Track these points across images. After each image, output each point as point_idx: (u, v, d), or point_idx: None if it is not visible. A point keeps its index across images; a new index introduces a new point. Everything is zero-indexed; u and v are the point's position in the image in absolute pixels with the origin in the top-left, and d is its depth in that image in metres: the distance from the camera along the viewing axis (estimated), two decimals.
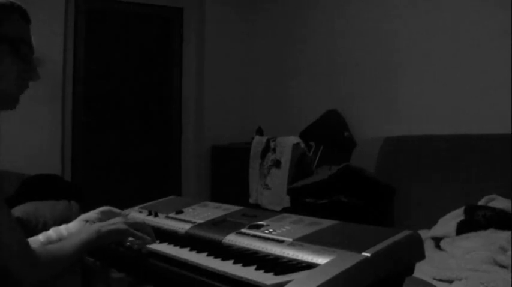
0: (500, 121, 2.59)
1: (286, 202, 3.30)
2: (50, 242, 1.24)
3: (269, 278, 0.87)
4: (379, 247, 0.90)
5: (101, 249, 1.20)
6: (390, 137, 3.08)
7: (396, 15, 3.40)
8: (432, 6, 3.14)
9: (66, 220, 1.34)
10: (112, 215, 1.41)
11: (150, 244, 1.17)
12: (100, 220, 1.36)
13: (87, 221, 1.34)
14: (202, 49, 4.77)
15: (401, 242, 0.94)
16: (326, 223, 1.12)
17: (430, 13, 3.15)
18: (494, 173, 2.44)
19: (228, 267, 0.95)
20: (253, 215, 1.27)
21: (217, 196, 4.39)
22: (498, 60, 2.71)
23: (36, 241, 1.24)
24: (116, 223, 1.19)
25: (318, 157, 3.54)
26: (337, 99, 3.82)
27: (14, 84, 1.06)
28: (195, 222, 1.30)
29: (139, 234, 1.18)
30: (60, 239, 1.26)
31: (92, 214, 1.38)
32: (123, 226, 1.18)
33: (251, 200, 3.80)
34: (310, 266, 0.91)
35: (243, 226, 1.18)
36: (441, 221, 2.19)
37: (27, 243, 1.03)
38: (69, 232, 1.29)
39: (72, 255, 1.10)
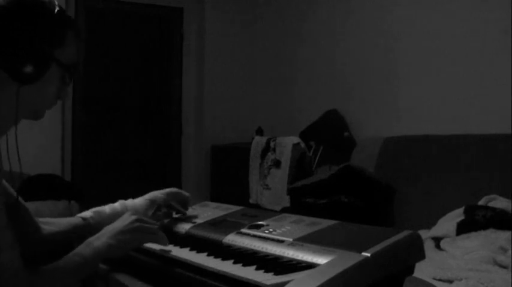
0: (500, 121, 2.59)
1: (286, 202, 3.30)
2: (115, 215, 1.24)
3: (269, 278, 0.87)
4: (379, 247, 0.90)
5: None
6: (390, 137, 3.08)
7: (396, 15, 3.40)
8: (432, 6, 3.14)
9: None
10: (180, 197, 1.40)
11: (165, 245, 1.12)
12: (166, 201, 1.36)
13: (153, 201, 1.34)
14: (202, 49, 4.77)
15: (401, 242, 0.94)
16: (326, 223, 1.12)
17: (430, 13, 3.15)
18: (494, 173, 2.44)
19: (228, 267, 0.95)
20: (253, 215, 1.27)
21: (217, 196, 4.39)
22: (498, 60, 2.71)
23: (103, 212, 1.28)
24: (131, 230, 1.09)
25: (318, 157, 3.54)
26: (337, 99, 3.82)
27: (51, 103, 1.10)
28: (195, 222, 1.30)
29: (159, 239, 1.11)
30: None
31: (159, 194, 1.36)
32: (136, 236, 1.09)
33: (251, 200, 3.80)
34: (310, 266, 0.91)
35: (243, 226, 1.18)
36: (441, 221, 2.19)
37: (20, 265, 0.97)
38: (136, 209, 1.30)
39: (77, 272, 1.03)
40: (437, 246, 2.03)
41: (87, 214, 1.28)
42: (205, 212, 1.39)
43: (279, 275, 0.88)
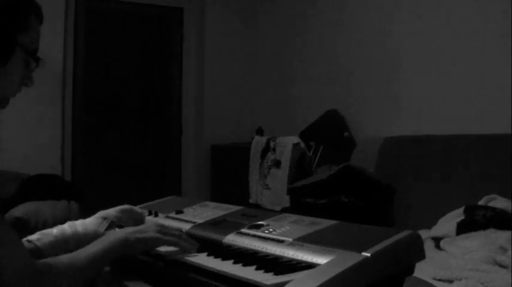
0: (500, 121, 2.59)
1: (286, 202, 3.30)
2: (63, 236, 1.20)
3: (269, 278, 0.87)
4: (379, 247, 0.90)
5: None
6: (390, 137, 3.08)
7: (396, 15, 3.40)
8: (432, 6, 3.14)
9: (66, 220, 1.31)
10: (133, 215, 1.36)
11: (190, 252, 1.07)
12: (120, 218, 1.31)
13: (105, 218, 1.28)
14: (202, 49, 4.77)
15: (401, 242, 0.94)
16: (326, 223, 1.12)
17: (430, 13, 3.15)
18: (494, 173, 2.44)
19: (228, 267, 0.95)
20: (253, 215, 1.27)
21: (217, 196, 4.39)
22: (498, 61, 2.71)
23: (50, 234, 1.20)
24: (148, 230, 1.09)
25: (318, 157, 3.54)
26: (337, 99, 3.82)
27: (16, 90, 1.05)
28: (195, 222, 1.30)
29: (180, 242, 1.09)
30: (74, 234, 1.22)
31: (111, 211, 1.31)
32: (155, 235, 1.08)
33: (251, 200, 3.80)
34: (310, 266, 0.91)
35: (243, 226, 1.18)
36: (441, 221, 2.19)
37: (31, 261, 0.95)
38: (85, 228, 1.24)
39: (90, 265, 1.00)
40: (437, 246, 2.03)
41: (33, 236, 1.20)
42: (205, 212, 1.39)
43: (279, 275, 0.88)
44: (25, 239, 1.19)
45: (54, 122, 4.19)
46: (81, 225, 1.25)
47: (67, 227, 1.23)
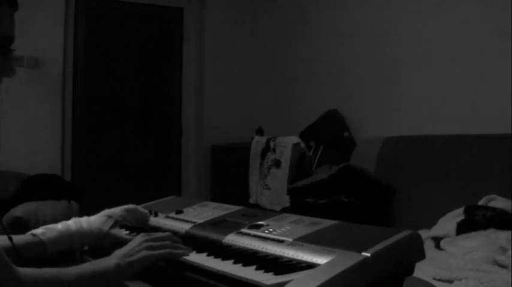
0: (500, 121, 2.59)
1: (286, 202, 3.30)
2: (68, 232, 1.21)
3: (269, 278, 0.87)
4: (379, 247, 0.90)
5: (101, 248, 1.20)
6: (390, 137, 3.08)
7: (396, 15, 3.40)
8: (432, 6, 3.14)
9: (67, 220, 1.32)
10: (137, 214, 1.36)
11: (185, 255, 1.08)
12: (124, 218, 1.31)
13: (110, 217, 1.29)
14: (202, 49, 4.77)
15: (401, 242, 0.94)
16: (326, 223, 1.12)
17: (430, 13, 3.15)
18: (494, 173, 2.44)
19: (228, 267, 0.95)
20: (253, 215, 1.27)
21: (217, 196, 4.39)
22: (498, 60, 2.71)
23: (54, 229, 1.21)
24: (139, 250, 1.06)
25: (318, 157, 3.54)
26: (337, 99, 3.82)
27: None
28: (195, 222, 1.30)
29: (173, 252, 1.07)
30: (79, 230, 1.22)
31: (117, 210, 1.32)
32: (146, 253, 1.05)
33: (251, 200, 3.80)
34: (310, 266, 0.91)
35: (243, 226, 1.18)
36: (441, 221, 2.19)
37: (13, 271, 0.91)
38: (90, 225, 1.25)
39: (78, 282, 0.96)
40: (437, 246, 2.03)
41: (38, 230, 1.20)
42: (205, 212, 1.39)
43: (279, 275, 0.88)
44: (29, 232, 1.20)
45: (54, 122, 4.19)
46: (86, 222, 1.26)
47: (72, 223, 1.24)
